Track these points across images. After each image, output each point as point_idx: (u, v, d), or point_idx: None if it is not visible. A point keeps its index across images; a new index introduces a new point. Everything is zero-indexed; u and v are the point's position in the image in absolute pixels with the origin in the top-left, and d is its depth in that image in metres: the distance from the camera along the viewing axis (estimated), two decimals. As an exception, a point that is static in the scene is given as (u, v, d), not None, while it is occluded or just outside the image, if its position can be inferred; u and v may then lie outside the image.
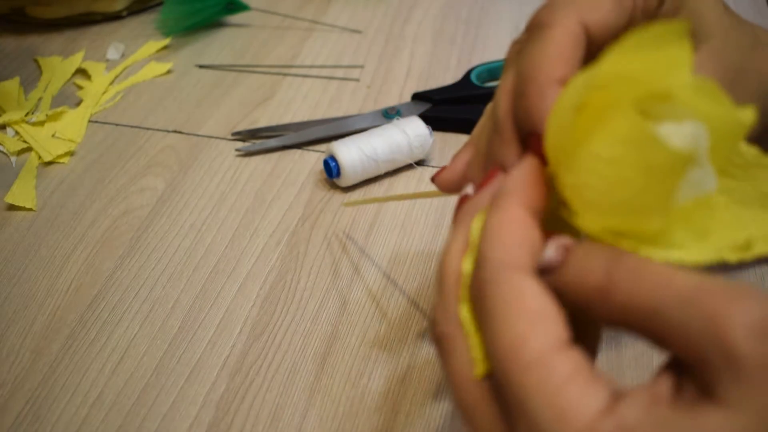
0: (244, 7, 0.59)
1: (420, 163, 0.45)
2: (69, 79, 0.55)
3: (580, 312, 0.20)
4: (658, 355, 0.34)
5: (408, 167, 0.45)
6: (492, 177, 0.24)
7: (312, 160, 0.46)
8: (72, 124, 0.50)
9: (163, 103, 0.52)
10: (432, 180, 0.30)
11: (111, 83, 0.54)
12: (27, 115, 0.51)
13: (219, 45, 0.58)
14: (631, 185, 0.18)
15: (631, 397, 0.18)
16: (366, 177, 0.44)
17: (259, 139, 0.48)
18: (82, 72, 0.56)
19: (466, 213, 0.23)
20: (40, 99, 0.53)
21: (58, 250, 0.41)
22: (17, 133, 0.49)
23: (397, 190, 0.44)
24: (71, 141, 0.48)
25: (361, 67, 0.55)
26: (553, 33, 0.24)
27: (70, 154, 0.48)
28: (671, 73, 0.18)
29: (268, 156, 0.47)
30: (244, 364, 0.34)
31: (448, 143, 0.48)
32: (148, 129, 0.50)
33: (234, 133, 0.48)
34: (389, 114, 0.49)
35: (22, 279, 0.39)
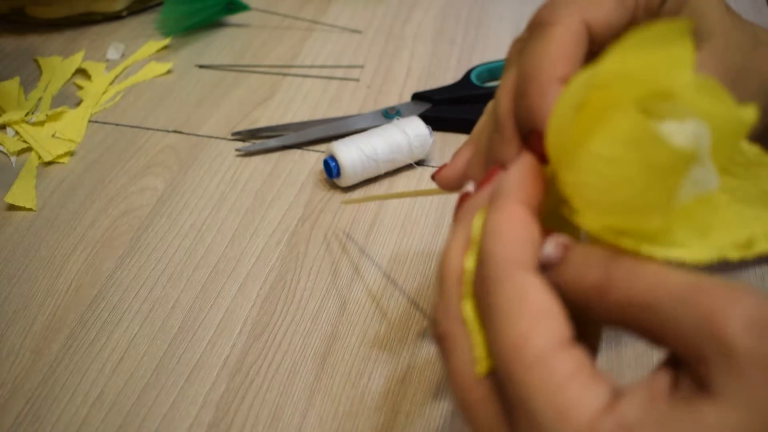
0: (244, 7, 0.59)
1: (420, 163, 0.45)
2: (69, 79, 0.55)
3: (580, 310, 0.20)
4: (657, 355, 0.34)
5: (408, 167, 0.45)
6: (493, 175, 0.24)
7: (312, 160, 0.46)
8: (72, 124, 0.50)
9: (163, 103, 0.52)
10: (432, 177, 0.30)
11: (111, 83, 0.54)
12: (27, 115, 0.51)
13: (219, 45, 0.58)
14: (632, 184, 0.18)
15: (630, 395, 0.18)
16: (366, 177, 0.44)
17: (259, 139, 0.48)
18: (82, 72, 0.56)
19: (467, 211, 0.23)
20: (40, 99, 0.53)
21: (58, 250, 0.40)
22: (17, 133, 0.49)
23: (396, 190, 0.44)
24: (71, 141, 0.48)
25: (361, 67, 0.55)
26: (555, 31, 0.24)
27: (70, 154, 0.48)
28: (673, 72, 0.18)
29: (268, 156, 0.47)
30: (244, 364, 0.34)
31: (448, 143, 0.48)
32: (148, 129, 0.49)
33: (234, 133, 0.48)
34: (389, 114, 0.49)
35: (22, 279, 0.39)
